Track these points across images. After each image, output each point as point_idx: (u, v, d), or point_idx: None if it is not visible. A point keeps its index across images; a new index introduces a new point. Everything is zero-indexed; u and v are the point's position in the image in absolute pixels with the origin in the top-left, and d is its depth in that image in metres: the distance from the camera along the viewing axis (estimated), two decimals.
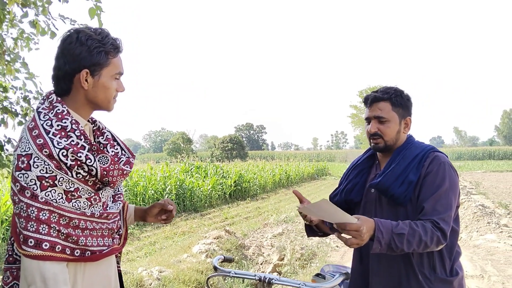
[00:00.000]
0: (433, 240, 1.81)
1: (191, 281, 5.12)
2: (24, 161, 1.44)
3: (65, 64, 1.55)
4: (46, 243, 1.43)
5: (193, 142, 56.98)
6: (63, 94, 1.60)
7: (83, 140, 1.52)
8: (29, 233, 1.43)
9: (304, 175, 27.91)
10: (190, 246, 7.06)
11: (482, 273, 6.01)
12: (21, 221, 1.44)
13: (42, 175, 1.44)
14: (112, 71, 1.60)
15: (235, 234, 8.11)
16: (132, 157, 1.75)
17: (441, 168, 1.95)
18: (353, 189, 2.18)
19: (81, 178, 1.52)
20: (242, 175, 17.82)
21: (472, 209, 10.97)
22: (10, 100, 3.44)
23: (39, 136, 1.47)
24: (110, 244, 1.67)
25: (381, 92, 2.11)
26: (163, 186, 12.84)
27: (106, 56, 1.57)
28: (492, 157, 67.61)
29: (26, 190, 1.43)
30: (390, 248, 1.78)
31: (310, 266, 6.58)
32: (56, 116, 1.52)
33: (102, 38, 1.57)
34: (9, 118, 3.39)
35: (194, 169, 17.37)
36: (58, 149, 1.46)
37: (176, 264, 5.74)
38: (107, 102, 1.64)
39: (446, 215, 1.86)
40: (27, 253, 1.43)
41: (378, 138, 2.08)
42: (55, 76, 1.59)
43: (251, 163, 28.88)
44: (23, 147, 1.47)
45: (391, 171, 1.99)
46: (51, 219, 1.45)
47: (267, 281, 1.87)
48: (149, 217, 1.94)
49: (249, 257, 7.27)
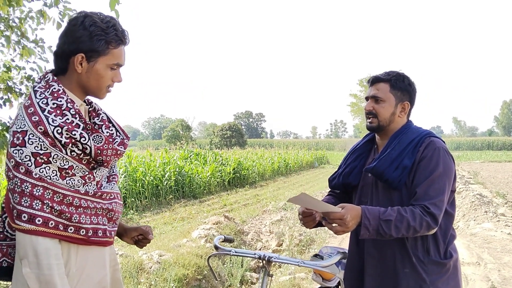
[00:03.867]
0: (422, 225, 1.85)
1: (191, 265, 5.16)
2: (19, 137, 1.46)
3: (65, 44, 1.57)
4: (39, 219, 1.46)
5: (192, 129, 56.91)
6: (60, 73, 1.62)
7: (77, 119, 1.54)
8: (23, 208, 1.45)
9: (303, 164, 27.97)
10: (190, 231, 7.11)
11: (479, 261, 6.07)
12: (15, 196, 1.46)
13: (37, 152, 1.46)
14: (109, 61, 1.60)
15: (234, 220, 8.17)
16: (126, 139, 1.76)
17: (436, 153, 1.97)
18: (351, 172, 2.22)
19: (75, 156, 1.54)
20: (241, 163, 17.86)
21: (470, 198, 11.03)
22: (14, 80, 3.45)
23: (35, 113, 1.49)
24: (106, 223, 1.67)
25: (383, 74, 2.16)
26: (162, 173, 12.86)
27: (106, 45, 1.57)
28: (491, 148, 67.75)
29: (20, 166, 1.45)
30: (379, 234, 1.84)
31: (309, 251, 6.64)
32: (52, 94, 1.54)
33: (106, 27, 1.57)
34: (13, 98, 3.40)
35: (193, 156, 17.38)
36: (53, 127, 1.48)
37: (176, 248, 5.79)
38: (99, 90, 1.64)
39: (438, 199, 1.89)
40: (20, 227, 1.46)
41: (373, 117, 2.12)
42: (55, 54, 1.61)
43: (250, 150, 28.95)
44: (19, 124, 1.48)
45: (387, 155, 2.03)
46: (44, 195, 1.47)
47: (267, 259, 1.89)
48: (125, 237, 1.94)
49: (248, 243, 7.33)
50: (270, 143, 60.84)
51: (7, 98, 3.42)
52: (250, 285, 5.52)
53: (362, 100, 49.72)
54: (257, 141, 64.68)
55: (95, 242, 1.63)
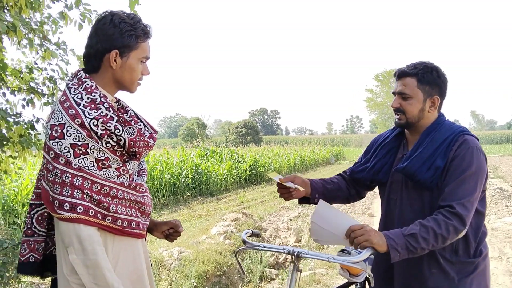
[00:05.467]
0: (449, 231, 1.78)
1: (210, 262, 5.20)
2: (58, 130, 1.52)
3: (97, 43, 1.64)
4: (80, 207, 1.52)
5: (207, 127, 57.14)
6: (92, 71, 1.68)
7: (111, 112, 1.62)
8: (64, 198, 1.51)
9: (319, 160, 27.87)
10: (208, 228, 7.16)
11: (501, 255, 6.00)
12: (56, 187, 1.52)
13: (75, 143, 1.52)
14: (139, 54, 1.68)
15: (252, 217, 8.19)
16: (154, 133, 1.83)
17: (469, 152, 1.88)
18: (381, 169, 2.14)
19: (110, 148, 1.61)
20: (257, 160, 17.89)
21: (490, 192, 10.87)
22: (36, 81, 3.52)
23: (71, 107, 1.55)
24: (139, 216, 1.74)
25: (410, 66, 2.03)
26: (179, 171, 12.96)
27: (136, 40, 1.66)
28: (510, 141, 66.49)
29: (60, 157, 1.51)
30: (409, 251, 1.77)
31: (328, 247, 6.62)
32: (86, 90, 1.61)
33: (134, 23, 1.65)
34: (35, 99, 3.47)
35: (209, 153, 17.46)
36: (89, 119, 1.54)
37: (195, 245, 5.84)
38: (131, 83, 1.72)
39: (466, 200, 1.81)
40: (63, 216, 1.52)
41: (400, 114, 2.03)
42: (87, 54, 1.68)
43: (265, 147, 28.93)
44: (56, 117, 1.55)
45: (418, 155, 1.94)
46: (84, 185, 1.53)
47: (296, 254, 1.84)
48: (156, 231, 1.99)
49: (266, 239, 7.34)
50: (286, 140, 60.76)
51: (30, 99, 3.50)
52: (269, 281, 5.53)
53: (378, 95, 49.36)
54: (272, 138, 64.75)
55: (130, 234, 1.68)
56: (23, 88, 3.45)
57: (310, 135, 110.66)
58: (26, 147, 3.31)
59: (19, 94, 3.49)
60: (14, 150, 3.37)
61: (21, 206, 7.90)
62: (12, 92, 3.48)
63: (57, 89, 3.55)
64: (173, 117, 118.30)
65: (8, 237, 3.59)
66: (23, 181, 8.36)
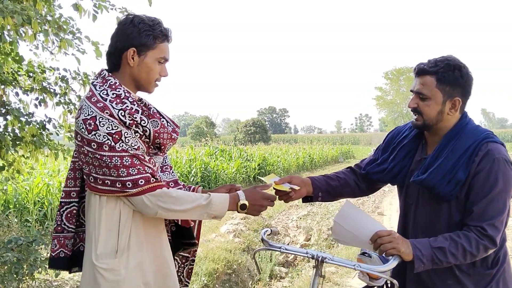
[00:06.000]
0: (479, 249, 1.71)
1: (220, 260, 5.23)
2: (91, 123, 1.61)
3: (117, 41, 1.73)
4: (141, 180, 1.65)
5: (216, 126, 57.25)
6: (113, 70, 1.77)
7: (136, 105, 1.70)
8: (124, 178, 1.63)
9: (328, 158, 27.78)
10: (218, 226, 7.19)
11: None
12: (112, 171, 1.63)
13: (110, 132, 1.62)
14: (157, 55, 1.75)
15: (262, 215, 8.21)
16: (177, 127, 1.89)
17: (495, 166, 1.74)
18: (399, 172, 2.01)
19: (139, 137, 1.70)
20: (266, 158, 17.89)
21: None
22: (48, 81, 3.56)
23: (98, 101, 1.65)
24: None
25: (430, 63, 1.85)
26: (188, 169, 13.01)
27: (154, 40, 1.73)
28: None
29: (103, 145, 1.61)
30: (434, 263, 1.71)
31: (338, 246, 6.62)
32: (110, 87, 1.70)
33: (153, 24, 1.73)
34: (48, 98, 3.51)
35: (218, 152, 17.50)
36: (117, 110, 1.64)
37: (205, 243, 5.86)
38: (148, 83, 1.79)
39: (497, 220, 1.72)
40: (128, 193, 1.64)
41: (418, 115, 1.89)
42: (108, 53, 1.78)
43: (274, 146, 28.90)
44: (86, 112, 1.63)
45: (438, 167, 1.81)
46: (134, 162, 1.65)
47: (320, 260, 1.76)
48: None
49: (276, 238, 7.35)
50: (294, 138, 60.62)
51: (42, 99, 3.54)
52: (279, 279, 5.55)
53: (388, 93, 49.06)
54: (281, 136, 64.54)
55: None
56: (36, 87, 3.49)
57: (319, 133, 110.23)
58: (38, 147, 3.34)
59: (31, 94, 3.53)
60: (27, 149, 3.41)
61: (32, 204, 7.98)
62: (25, 91, 3.52)
63: (69, 89, 3.58)
64: (181, 116, 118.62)
65: (22, 234, 3.62)
66: (34, 179, 8.45)
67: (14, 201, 7.90)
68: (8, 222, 3.80)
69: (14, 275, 2.87)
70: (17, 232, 3.87)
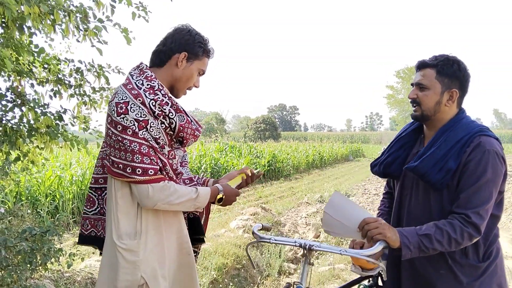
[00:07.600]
0: (464, 237, 1.77)
1: (230, 254, 5.25)
2: (123, 107, 1.73)
3: (172, 42, 1.90)
4: (151, 170, 1.77)
5: (226, 122, 57.31)
6: (156, 65, 1.92)
7: (167, 98, 1.83)
8: (136, 164, 1.75)
9: (338, 157, 27.71)
10: (228, 221, 7.21)
11: None
12: (128, 155, 1.74)
13: (138, 118, 1.74)
14: (200, 66, 1.95)
15: (271, 212, 8.21)
16: (200, 127, 2.00)
17: (485, 157, 1.81)
18: (393, 162, 2.11)
19: (164, 128, 1.82)
20: (275, 155, 17.88)
21: None
22: (63, 73, 3.58)
23: (133, 89, 1.78)
24: None
25: (431, 58, 1.99)
26: (198, 165, 13.06)
27: (203, 53, 1.93)
28: None
29: (127, 129, 1.73)
30: (421, 250, 1.77)
31: (347, 242, 6.60)
32: (146, 78, 1.84)
33: (205, 39, 1.95)
34: (62, 90, 3.54)
35: (228, 148, 17.55)
36: (149, 99, 1.77)
37: (215, 238, 5.89)
38: (183, 87, 1.95)
39: (482, 208, 1.78)
40: (135, 179, 1.75)
41: (416, 106, 1.99)
42: (157, 50, 1.93)
43: (284, 143, 28.89)
44: (120, 96, 1.76)
45: (430, 155, 1.89)
46: (150, 152, 1.77)
47: (308, 247, 1.82)
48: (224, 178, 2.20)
49: (285, 234, 7.36)
50: (304, 136, 60.43)
51: (57, 90, 3.57)
52: (288, 275, 5.55)
53: (399, 91, 48.66)
54: (291, 134, 64.47)
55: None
56: (51, 79, 3.51)
57: (328, 131, 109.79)
58: (53, 138, 3.37)
59: (46, 85, 3.56)
60: (42, 140, 3.43)
61: (44, 197, 8.07)
62: (40, 83, 3.55)
63: (84, 81, 3.60)
64: (192, 112, 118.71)
65: (35, 225, 3.66)
66: (46, 172, 8.54)
67: (26, 193, 7.99)
68: (22, 212, 3.83)
69: (27, 265, 2.90)
70: (31, 223, 3.91)
